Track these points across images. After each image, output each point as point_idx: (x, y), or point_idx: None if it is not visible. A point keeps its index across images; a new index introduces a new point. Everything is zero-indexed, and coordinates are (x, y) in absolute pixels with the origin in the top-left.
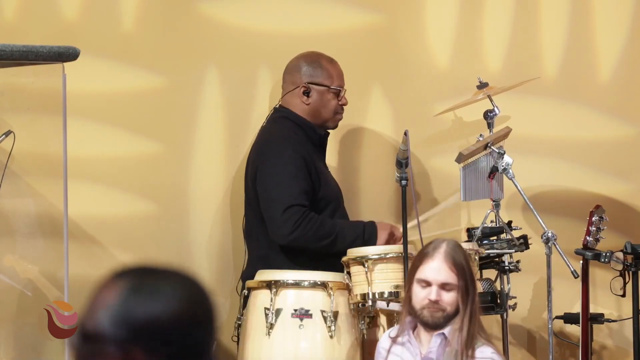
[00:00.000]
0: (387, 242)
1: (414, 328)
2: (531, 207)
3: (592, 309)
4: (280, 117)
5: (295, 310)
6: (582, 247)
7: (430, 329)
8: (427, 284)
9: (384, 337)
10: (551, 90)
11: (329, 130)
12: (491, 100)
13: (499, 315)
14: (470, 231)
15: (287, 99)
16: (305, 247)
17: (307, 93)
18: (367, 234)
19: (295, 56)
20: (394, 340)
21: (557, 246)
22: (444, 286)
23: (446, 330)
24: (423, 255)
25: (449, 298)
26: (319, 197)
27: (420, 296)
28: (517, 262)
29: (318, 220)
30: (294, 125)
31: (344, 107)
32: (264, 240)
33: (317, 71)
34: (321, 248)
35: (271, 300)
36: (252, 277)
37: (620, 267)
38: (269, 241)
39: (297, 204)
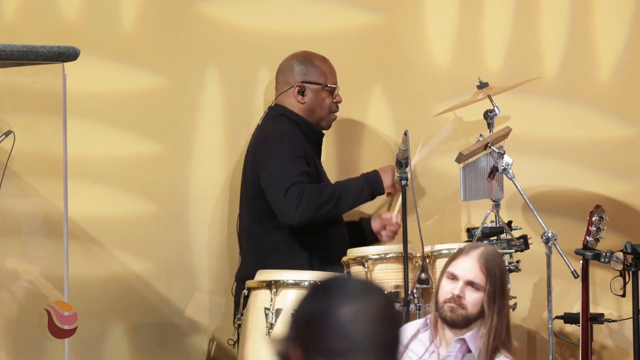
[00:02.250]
0: (393, 184)
1: (436, 327)
2: (531, 207)
3: (592, 309)
4: (277, 115)
5: None
6: (582, 247)
7: (448, 326)
8: (455, 278)
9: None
10: (551, 90)
11: (324, 132)
12: (491, 100)
13: None
14: (470, 231)
15: (282, 99)
16: (316, 218)
17: (302, 92)
18: (371, 181)
19: (287, 57)
20: (413, 336)
21: (557, 246)
22: (470, 284)
23: (467, 336)
24: (459, 251)
25: (472, 298)
26: None
27: (446, 290)
28: (517, 262)
29: (317, 188)
30: (291, 123)
31: (339, 105)
32: (260, 239)
33: (310, 70)
34: (330, 212)
35: (271, 300)
36: (249, 277)
37: (620, 267)
38: (265, 241)
39: (295, 182)
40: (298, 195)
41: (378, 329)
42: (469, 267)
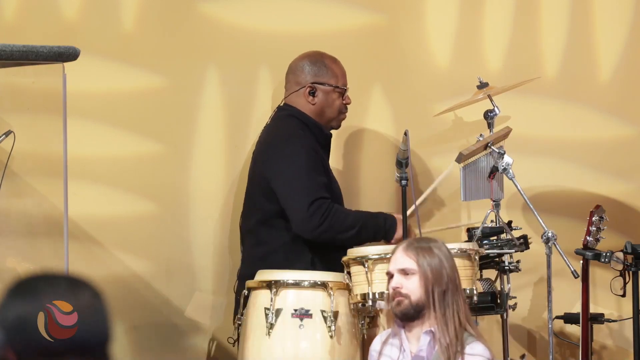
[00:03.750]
0: (399, 240)
1: (404, 327)
2: (531, 207)
3: (592, 309)
4: (286, 115)
5: (296, 310)
6: (582, 247)
7: (404, 321)
8: (390, 275)
9: (376, 340)
10: (551, 90)
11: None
12: (491, 100)
13: (499, 315)
14: (470, 231)
15: (291, 99)
16: (333, 240)
17: (312, 93)
18: (387, 225)
19: (298, 56)
20: (384, 342)
21: (557, 246)
22: (403, 272)
23: (433, 328)
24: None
25: (410, 284)
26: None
27: (390, 290)
28: (517, 262)
29: (343, 212)
30: (300, 124)
31: (348, 106)
32: (264, 239)
33: (322, 71)
34: (348, 240)
35: (271, 300)
36: (250, 277)
37: (620, 267)
38: (270, 241)
39: (321, 196)
40: (324, 213)
41: (91, 324)
42: (396, 258)
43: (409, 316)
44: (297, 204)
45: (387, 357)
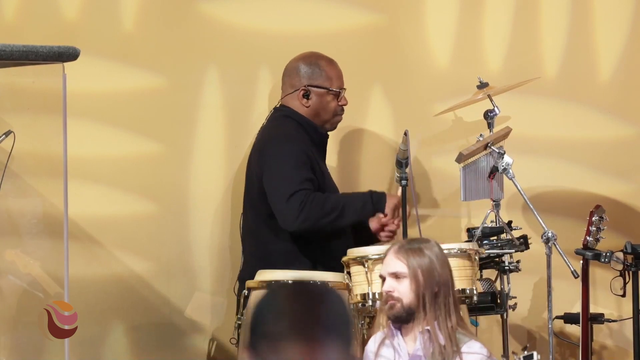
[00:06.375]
0: (395, 209)
1: (401, 329)
2: (531, 207)
3: (592, 309)
4: (281, 116)
5: None
6: (582, 247)
7: (398, 323)
8: (383, 279)
9: (371, 341)
10: (551, 90)
11: (328, 133)
12: (491, 100)
13: (499, 315)
14: (470, 231)
15: (286, 100)
16: (317, 227)
17: (306, 95)
18: (375, 198)
19: (294, 58)
20: (380, 342)
21: (557, 246)
22: (394, 276)
23: (429, 327)
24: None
25: (402, 287)
26: None
27: (383, 293)
28: (517, 262)
29: (322, 197)
30: (296, 124)
31: (344, 107)
32: (265, 240)
33: (316, 73)
34: (332, 223)
35: None
36: (251, 277)
37: (620, 267)
38: (270, 241)
39: (299, 189)
40: (302, 202)
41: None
42: (388, 261)
43: (401, 319)
44: (278, 199)
45: (384, 358)
